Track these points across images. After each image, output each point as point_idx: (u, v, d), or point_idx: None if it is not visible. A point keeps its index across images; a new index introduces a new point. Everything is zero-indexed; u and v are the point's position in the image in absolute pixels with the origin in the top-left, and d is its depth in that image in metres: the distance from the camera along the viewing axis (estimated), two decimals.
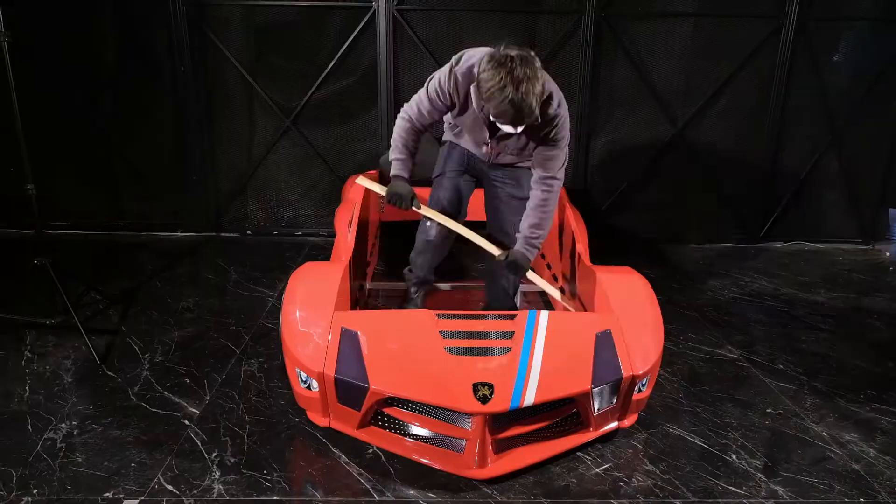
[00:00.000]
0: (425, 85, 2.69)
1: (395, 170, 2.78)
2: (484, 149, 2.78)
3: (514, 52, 2.28)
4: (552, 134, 2.58)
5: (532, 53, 2.33)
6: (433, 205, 2.97)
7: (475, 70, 2.40)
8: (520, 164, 2.85)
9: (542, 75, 2.32)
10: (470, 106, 2.60)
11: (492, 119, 2.44)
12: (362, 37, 4.69)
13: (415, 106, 2.71)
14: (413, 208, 2.80)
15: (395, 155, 2.78)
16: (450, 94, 2.61)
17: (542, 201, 2.68)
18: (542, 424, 2.35)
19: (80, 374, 2.88)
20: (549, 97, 2.47)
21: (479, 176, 3.00)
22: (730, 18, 4.75)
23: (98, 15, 4.61)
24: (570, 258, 3.24)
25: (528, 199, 2.75)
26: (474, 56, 2.50)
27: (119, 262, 4.44)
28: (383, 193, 2.84)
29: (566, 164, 2.72)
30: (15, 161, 3.08)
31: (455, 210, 2.97)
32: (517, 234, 2.77)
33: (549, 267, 3.75)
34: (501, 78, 2.23)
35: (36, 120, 3.88)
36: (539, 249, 2.77)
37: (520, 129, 2.40)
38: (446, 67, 2.60)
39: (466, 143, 2.88)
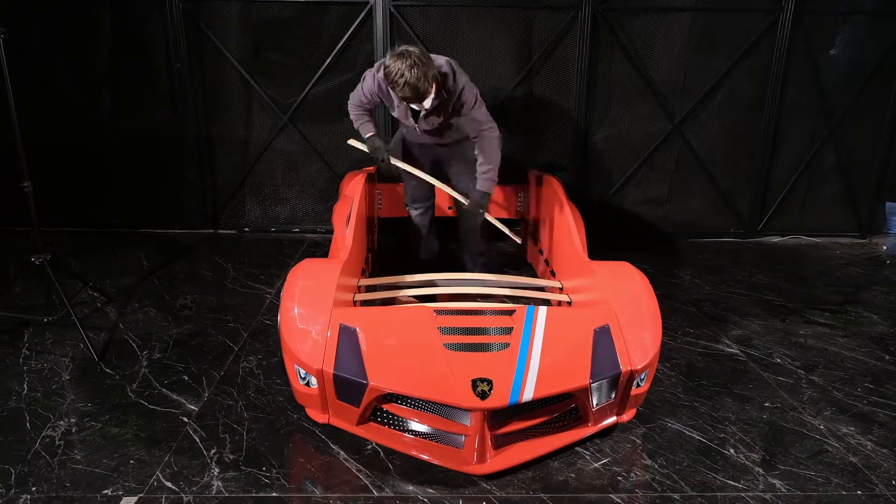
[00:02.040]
0: (360, 84, 3.30)
1: (365, 132, 3.39)
2: (415, 129, 3.34)
3: (408, 48, 2.87)
4: (460, 103, 3.16)
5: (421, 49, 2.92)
6: (408, 198, 3.86)
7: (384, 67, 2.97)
8: (458, 139, 3.46)
9: (430, 62, 2.90)
10: (394, 99, 3.16)
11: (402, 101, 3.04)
12: (359, 33, 4.68)
13: (357, 98, 3.33)
14: (392, 161, 3.43)
15: (360, 121, 3.39)
16: (376, 93, 3.23)
17: (482, 147, 3.28)
18: (541, 420, 2.35)
19: (79, 371, 2.88)
20: (445, 76, 3.04)
21: (437, 159, 3.62)
22: (726, 13, 4.75)
23: (95, 12, 4.59)
24: (567, 253, 3.25)
25: (474, 160, 3.35)
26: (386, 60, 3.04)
27: (116, 259, 4.43)
28: (367, 150, 3.44)
29: (487, 116, 3.26)
30: (11, 158, 3.07)
31: (425, 195, 3.81)
32: (476, 175, 3.35)
33: (546, 263, 3.75)
34: (399, 66, 2.82)
35: (32, 117, 3.87)
36: (495, 182, 3.34)
37: (427, 105, 2.99)
38: (370, 73, 3.23)
39: (406, 130, 3.53)
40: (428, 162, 3.63)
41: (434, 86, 2.92)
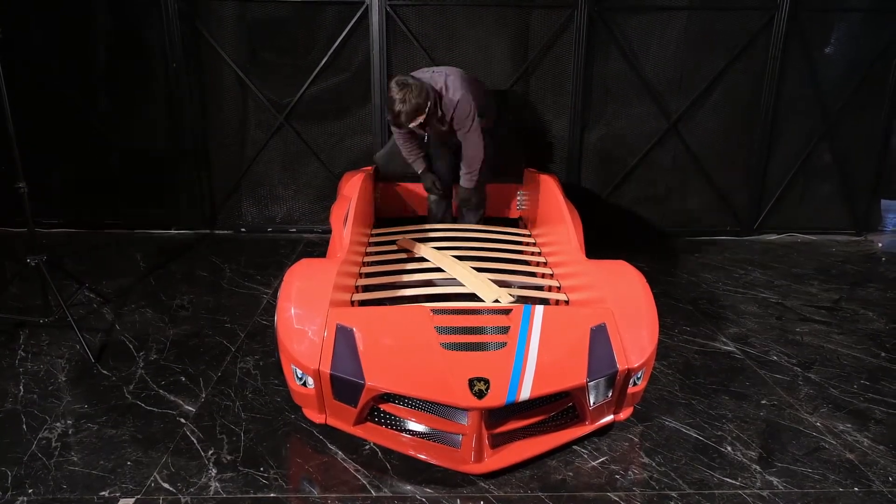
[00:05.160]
0: None
1: (419, 168, 3.92)
2: (426, 135, 3.83)
3: (404, 80, 3.33)
4: (452, 115, 3.54)
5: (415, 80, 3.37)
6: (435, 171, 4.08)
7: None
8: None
9: (421, 92, 3.32)
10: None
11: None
12: (355, 32, 4.67)
13: (398, 134, 3.80)
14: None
15: (412, 158, 3.89)
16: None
17: (465, 152, 3.71)
18: (539, 419, 2.35)
19: (75, 372, 2.88)
20: (439, 96, 3.47)
21: (451, 144, 3.93)
22: (722, 11, 4.76)
23: (91, 12, 4.58)
24: (564, 252, 3.25)
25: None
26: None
27: (113, 260, 4.42)
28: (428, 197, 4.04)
29: (473, 120, 3.60)
30: (6, 159, 3.06)
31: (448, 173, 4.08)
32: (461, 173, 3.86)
33: (545, 262, 3.75)
34: (393, 97, 3.31)
35: (28, 117, 3.86)
36: (475, 178, 3.80)
37: (414, 125, 3.43)
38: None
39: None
40: (444, 145, 3.96)
41: (420, 114, 3.35)
